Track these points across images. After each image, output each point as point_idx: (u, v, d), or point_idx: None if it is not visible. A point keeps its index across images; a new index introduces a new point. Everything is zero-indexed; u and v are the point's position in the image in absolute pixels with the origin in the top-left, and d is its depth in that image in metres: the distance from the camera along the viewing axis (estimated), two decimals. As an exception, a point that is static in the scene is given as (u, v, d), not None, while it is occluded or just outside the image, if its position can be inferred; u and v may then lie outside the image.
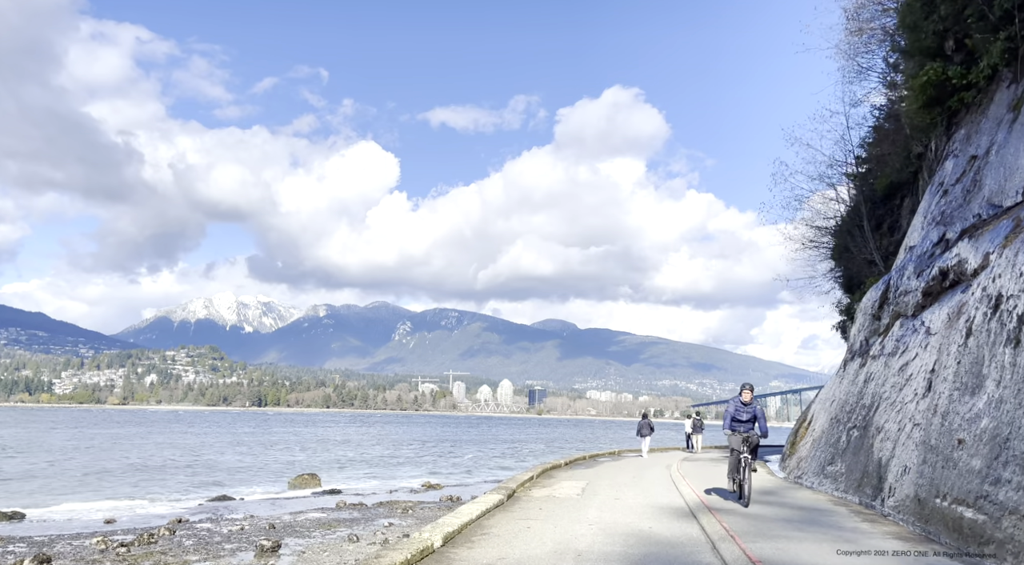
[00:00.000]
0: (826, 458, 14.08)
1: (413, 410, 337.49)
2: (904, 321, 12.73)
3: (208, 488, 30.15)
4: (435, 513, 20.99)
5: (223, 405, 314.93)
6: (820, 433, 15.41)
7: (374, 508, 22.62)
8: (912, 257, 13.70)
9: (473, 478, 37.07)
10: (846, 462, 12.72)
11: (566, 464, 22.52)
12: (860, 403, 13.26)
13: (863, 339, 14.92)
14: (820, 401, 17.59)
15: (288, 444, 62.23)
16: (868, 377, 13.41)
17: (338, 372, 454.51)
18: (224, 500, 26.02)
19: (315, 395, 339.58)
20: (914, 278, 12.82)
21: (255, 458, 46.14)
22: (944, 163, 14.80)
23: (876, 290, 15.02)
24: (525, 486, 14.88)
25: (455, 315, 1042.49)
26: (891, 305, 13.65)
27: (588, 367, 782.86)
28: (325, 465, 42.45)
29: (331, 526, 18.01)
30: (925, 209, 14.83)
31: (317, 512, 21.61)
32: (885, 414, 11.65)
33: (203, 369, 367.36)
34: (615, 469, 20.91)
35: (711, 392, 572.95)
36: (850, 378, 14.78)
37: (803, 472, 15.36)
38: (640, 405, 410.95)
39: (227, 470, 37.99)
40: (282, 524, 18.47)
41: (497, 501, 11.77)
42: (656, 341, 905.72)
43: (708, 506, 11.28)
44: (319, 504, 24.41)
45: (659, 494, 13.73)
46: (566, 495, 13.61)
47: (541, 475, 17.97)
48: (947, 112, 15.22)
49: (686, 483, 15.02)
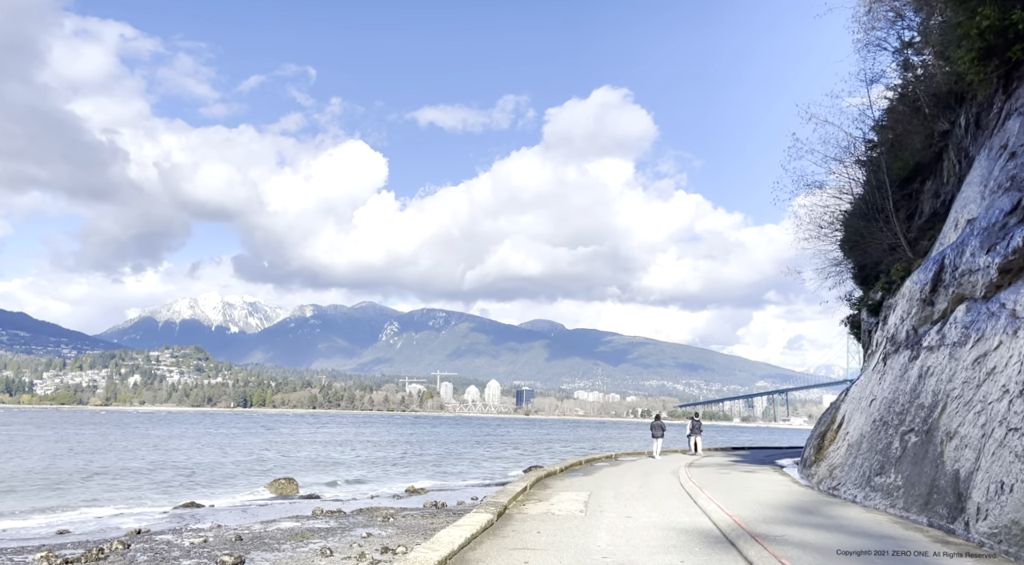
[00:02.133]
0: (872, 467, 11.99)
1: (400, 411, 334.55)
2: (972, 304, 10.65)
3: (179, 494, 28.67)
4: (417, 521, 19.50)
5: (208, 406, 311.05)
6: (859, 437, 13.32)
7: (353, 516, 21.14)
8: (974, 231, 11.62)
9: (459, 482, 35.52)
10: (903, 473, 10.63)
11: (561, 471, 20.38)
12: (916, 402, 11.17)
13: (910, 328, 12.84)
14: (853, 400, 15.52)
15: (269, 446, 60.01)
16: (925, 372, 11.32)
17: (325, 373, 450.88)
18: (192, 507, 24.50)
19: (301, 396, 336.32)
20: (981, 254, 10.74)
21: (233, 461, 44.22)
22: (1005, 124, 12.72)
23: (924, 272, 12.93)
24: (518, 500, 12.71)
25: (443, 315, 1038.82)
26: (950, 287, 11.56)
27: (576, 367, 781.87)
28: (305, 468, 40.77)
29: (304, 537, 16.77)
30: (983, 177, 12.75)
31: (291, 521, 20.20)
32: (958, 416, 9.55)
33: (188, 370, 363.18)
34: (617, 476, 18.79)
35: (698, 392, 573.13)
36: (895, 373, 12.69)
37: (839, 482, 13.27)
38: (628, 406, 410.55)
39: (202, 474, 36.30)
40: (251, 535, 17.11)
41: (485, 522, 9.59)
42: (644, 341, 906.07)
43: (746, 529, 9.15)
44: (294, 511, 22.94)
45: (677, 510, 11.60)
46: (567, 512, 11.46)
47: (535, 485, 15.82)
48: (1006, 65, 13.12)
49: (705, 496, 12.90)
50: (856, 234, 25.88)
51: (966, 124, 21.28)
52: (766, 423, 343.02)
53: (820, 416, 20.82)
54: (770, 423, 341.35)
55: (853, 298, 30.07)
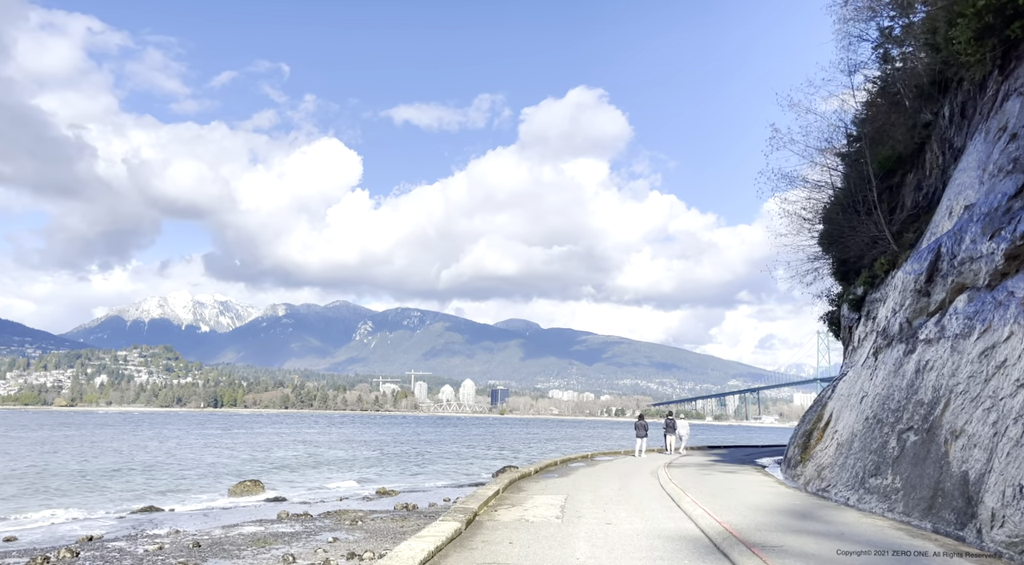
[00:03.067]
0: (866, 468, 11.27)
1: (374, 411, 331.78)
2: (975, 294, 9.97)
3: (138, 497, 27.59)
4: (387, 524, 18.65)
5: (177, 406, 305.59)
6: (849, 436, 12.62)
7: (319, 519, 20.38)
8: (974, 217, 10.95)
9: (431, 483, 34.58)
10: (902, 474, 9.91)
11: (536, 472, 19.52)
12: (914, 399, 10.48)
13: (904, 321, 12.16)
14: (841, 397, 14.84)
15: (237, 447, 58.40)
16: (923, 366, 10.63)
17: (297, 372, 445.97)
18: (151, 512, 23.53)
19: (273, 396, 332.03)
20: (984, 240, 10.07)
21: (198, 463, 42.91)
22: (1003, 105, 12.09)
23: (918, 261, 12.27)
24: (489, 505, 11.80)
25: (417, 315, 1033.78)
26: (948, 276, 10.89)
27: (551, 367, 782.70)
28: (273, 470, 39.60)
29: (266, 543, 16.05)
30: (980, 161, 12.13)
31: (254, 525, 19.41)
32: (963, 413, 8.85)
33: (157, 369, 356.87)
34: (594, 478, 17.97)
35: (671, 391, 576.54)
36: (889, 368, 12.01)
37: (829, 484, 12.55)
38: (602, 405, 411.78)
39: (164, 476, 35.09)
40: (210, 541, 16.32)
41: (452, 531, 8.67)
42: (618, 341, 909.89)
43: (739, 537, 8.34)
44: (258, 515, 22.11)
45: (660, 516, 10.79)
46: (542, 518, 10.59)
47: (509, 488, 14.94)
48: (1003, 44, 12.50)
49: (689, 499, 12.10)
50: (836, 228, 25.38)
51: (951, 114, 20.80)
52: (738, 422, 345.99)
53: (804, 414, 20.19)
54: (742, 422, 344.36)
55: (832, 294, 29.62)
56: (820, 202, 26.18)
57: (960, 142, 19.57)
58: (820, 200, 25.79)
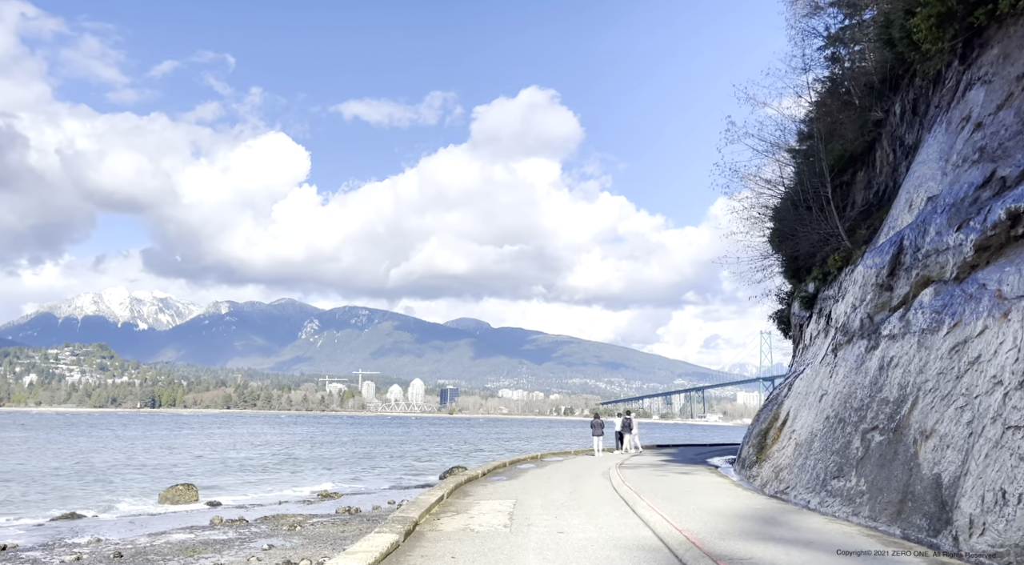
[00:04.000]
0: (827, 469, 10.80)
1: (320, 411, 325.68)
2: (942, 287, 9.55)
3: (60, 502, 26.01)
4: (327, 529, 17.74)
5: (112, 407, 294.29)
6: (808, 436, 12.17)
7: (255, 524, 19.35)
8: (938, 208, 10.57)
9: (376, 484, 33.50)
10: (867, 477, 9.42)
11: (483, 474, 18.69)
12: (878, 397, 10.02)
13: (865, 316, 11.75)
14: (799, 395, 14.44)
15: (173, 448, 55.90)
16: (887, 363, 10.19)
17: (241, 372, 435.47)
18: (73, 518, 22.12)
19: (214, 395, 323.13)
20: (950, 232, 9.67)
21: (129, 465, 40.82)
22: (966, 95, 11.78)
23: (879, 255, 11.87)
24: (432, 513, 10.91)
25: (365, 313, 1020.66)
26: (912, 270, 10.48)
27: (501, 366, 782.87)
28: (209, 472, 37.90)
29: (195, 552, 15.15)
30: (942, 152, 11.79)
31: (183, 532, 18.34)
32: (934, 412, 8.38)
33: (90, 368, 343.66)
34: (544, 480, 17.25)
35: (619, 390, 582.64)
36: (850, 365, 11.58)
37: (788, 486, 12.07)
38: (551, 404, 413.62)
39: (90, 480, 33.14)
40: (133, 551, 15.32)
41: (388, 546, 7.78)
42: (568, 340, 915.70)
43: (702, 547, 7.67)
44: (190, 521, 20.93)
45: (615, 523, 10.09)
46: (489, 527, 9.78)
47: (454, 493, 14.08)
48: (966, 31, 12.21)
49: (645, 503, 11.44)
50: (788, 225, 25.28)
51: (902, 111, 20.75)
52: (684, 420, 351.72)
53: (757, 413, 19.85)
54: (688, 420, 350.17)
55: (782, 292, 29.61)
56: (773, 198, 26.07)
57: (912, 139, 19.49)
58: (773, 195, 25.67)
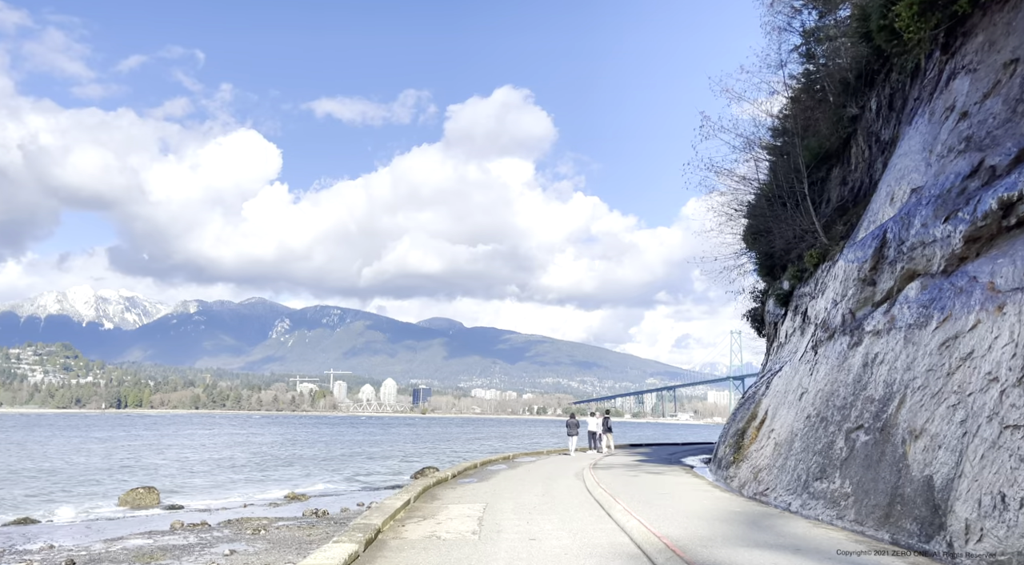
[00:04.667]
0: (809, 470, 10.40)
1: (290, 411, 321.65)
2: (929, 281, 9.19)
3: (14, 506, 25.08)
4: (293, 533, 17.02)
5: (76, 407, 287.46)
6: (788, 435, 11.78)
7: (218, 529, 18.53)
8: (923, 200, 10.25)
9: (346, 486, 32.74)
10: (852, 478, 9.02)
11: (453, 477, 18.08)
12: (863, 395, 9.64)
13: (847, 311, 11.39)
14: (777, 393, 14.07)
15: (136, 450, 54.34)
16: (871, 359, 9.81)
17: (210, 372, 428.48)
18: (26, 524, 21.20)
19: (182, 396, 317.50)
20: (937, 224, 9.32)
21: (88, 467, 39.43)
22: (949, 84, 11.48)
23: (861, 249, 11.52)
24: (397, 518, 10.30)
25: (337, 313, 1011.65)
26: (896, 263, 10.12)
27: (474, 366, 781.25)
28: (173, 474, 36.75)
29: (152, 558, 14.52)
30: (926, 143, 11.48)
31: (142, 537, 17.48)
32: (924, 410, 7.99)
33: (54, 369, 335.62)
34: (516, 482, 16.70)
35: (591, 389, 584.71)
36: (832, 363, 11.21)
37: (768, 487, 11.67)
38: (524, 403, 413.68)
39: (47, 483, 31.91)
40: (87, 558, 14.64)
41: (347, 557, 7.16)
42: (541, 340, 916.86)
43: (683, 556, 7.18)
44: (149, 526, 20.01)
45: (591, 528, 9.58)
46: (457, 534, 9.21)
47: (421, 496, 13.47)
48: (949, 19, 11.91)
49: (621, 507, 10.95)
50: (762, 223, 25.08)
51: (878, 107, 20.57)
52: (655, 419, 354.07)
53: (733, 411, 19.49)
54: (659, 419, 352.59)
55: (756, 290, 29.45)
56: (748, 194, 25.84)
57: (888, 134, 19.31)
58: (748, 192, 25.42)
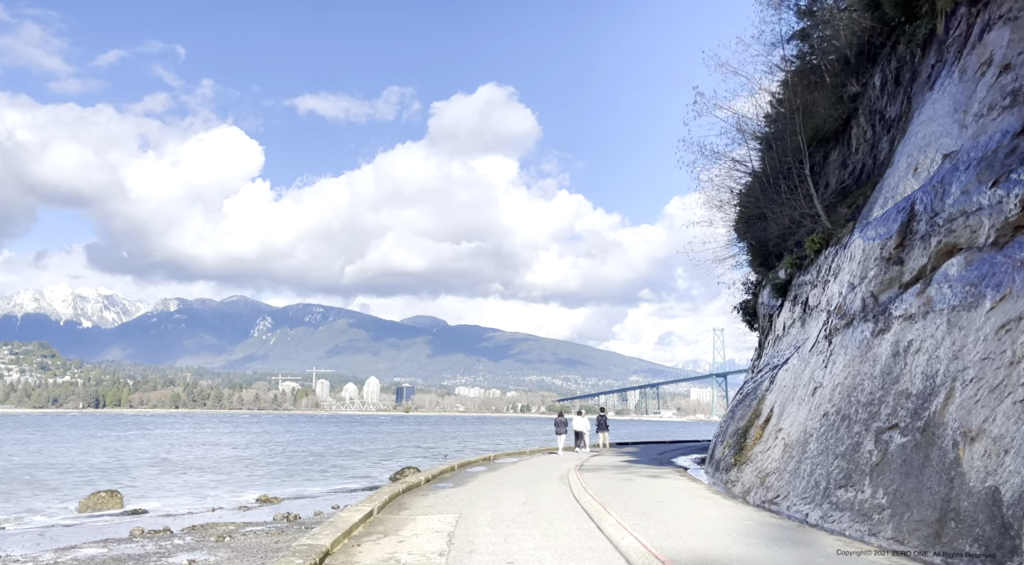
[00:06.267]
0: (831, 476, 9.03)
1: (272, 410, 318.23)
2: (974, 255, 7.85)
3: None
4: (260, 540, 15.70)
5: (53, 407, 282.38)
6: (801, 435, 10.41)
7: (180, 535, 17.16)
8: (960, 165, 8.92)
9: (322, 487, 31.27)
10: (888, 487, 7.65)
11: (427, 481, 16.58)
12: (895, 389, 8.27)
13: (868, 295, 10.04)
14: (784, 388, 12.70)
15: (107, 450, 52.37)
16: (905, 348, 8.46)
17: (190, 370, 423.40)
18: None
19: (162, 395, 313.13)
20: (982, 189, 8.00)
21: (52, 469, 37.70)
22: (983, 38, 10.18)
23: (884, 224, 10.16)
24: (353, 536, 8.78)
25: (320, 311, 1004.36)
26: (931, 237, 8.78)
27: (458, 364, 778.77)
28: (142, 476, 35.13)
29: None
30: (957, 104, 10.19)
31: (96, 546, 16.15)
32: (980, 407, 6.62)
33: (30, 368, 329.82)
34: (496, 487, 15.25)
35: (575, 387, 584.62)
36: (852, 353, 9.85)
37: (779, 495, 10.29)
38: (508, 401, 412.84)
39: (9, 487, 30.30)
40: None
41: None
42: (525, 338, 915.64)
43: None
44: (108, 533, 18.59)
45: (578, 545, 8.16)
46: (420, 556, 7.75)
47: (388, 505, 11.97)
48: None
49: (613, 519, 9.52)
50: (756, 209, 23.81)
51: (883, 82, 19.33)
52: (639, 416, 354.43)
53: (731, 409, 18.15)
54: (642, 416, 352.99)
55: (749, 282, 28.25)
56: (740, 178, 24.54)
57: (894, 111, 18.05)
58: (741, 175, 24.11)
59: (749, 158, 24.45)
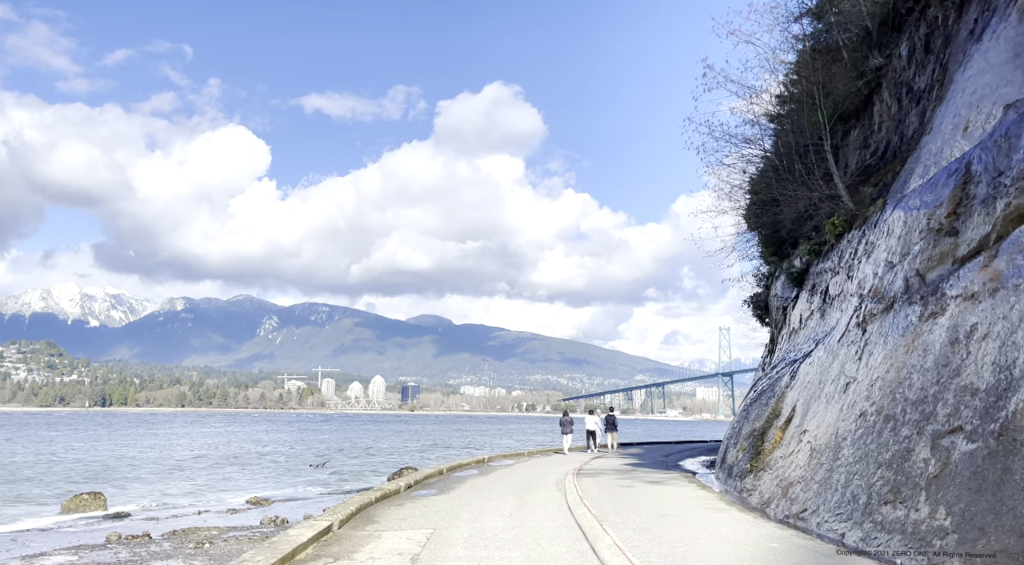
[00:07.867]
0: (873, 488, 7.47)
1: (277, 408, 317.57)
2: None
3: None
4: (241, 546, 14.73)
5: (60, 406, 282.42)
6: (832, 438, 8.85)
7: (159, 541, 16.08)
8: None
9: (315, 489, 30.02)
10: (951, 505, 6.09)
11: (407, 487, 15.05)
12: (954, 384, 6.72)
13: (911, 274, 8.47)
14: (808, 385, 11.11)
15: (103, 450, 51.29)
16: (966, 334, 6.91)
17: (197, 369, 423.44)
18: None
19: (168, 393, 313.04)
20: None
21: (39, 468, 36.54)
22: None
23: (931, 190, 8.61)
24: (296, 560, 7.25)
25: (326, 310, 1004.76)
26: (996, 200, 7.25)
27: (464, 363, 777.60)
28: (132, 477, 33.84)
29: None
30: (1016, 48, 8.60)
31: (66, 553, 15.21)
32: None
33: (38, 367, 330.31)
34: (482, 495, 13.74)
35: (581, 386, 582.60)
36: (895, 342, 8.29)
37: (806, 508, 8.72)
38: (513, 400, 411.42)
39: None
40: None
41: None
42: (530, 337, 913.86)
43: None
44: (83, 538, 17.50)
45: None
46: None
47: (354, 518, 10.46)
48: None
49: (610, 539, 8.00)
50: (769, 194, 22.24)
51: (910, 52, 17.75)
52: (644, 415, 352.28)
53: (744, 407, 16.58)
54: (648, 415, 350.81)
55: (760, 274, 26.69)
56: (752, 162, 22.92)
57: (924, 82, 16.50)
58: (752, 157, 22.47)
59: (761, 137, 22.88)
